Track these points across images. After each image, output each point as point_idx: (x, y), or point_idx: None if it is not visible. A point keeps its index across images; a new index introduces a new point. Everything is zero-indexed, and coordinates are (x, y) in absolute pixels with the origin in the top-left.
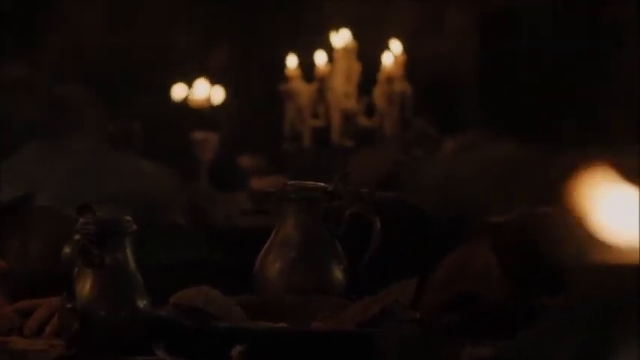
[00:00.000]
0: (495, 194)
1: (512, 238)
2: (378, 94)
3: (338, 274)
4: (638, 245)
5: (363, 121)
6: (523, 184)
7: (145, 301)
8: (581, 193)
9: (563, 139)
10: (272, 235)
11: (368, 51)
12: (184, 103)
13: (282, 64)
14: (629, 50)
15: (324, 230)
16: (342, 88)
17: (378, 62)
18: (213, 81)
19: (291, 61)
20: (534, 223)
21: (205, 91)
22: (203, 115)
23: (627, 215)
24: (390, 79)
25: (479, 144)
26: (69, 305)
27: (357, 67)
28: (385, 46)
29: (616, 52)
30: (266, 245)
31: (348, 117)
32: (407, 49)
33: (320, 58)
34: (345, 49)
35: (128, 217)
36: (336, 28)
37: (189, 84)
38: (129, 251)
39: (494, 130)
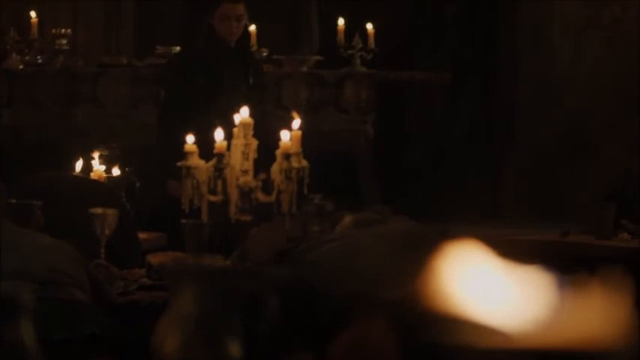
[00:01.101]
0: (391, 270)
1: (406, 314)
2: (276, 170)
3: (234, 350)
4: (516, 328)
5: (261, 196)
6: (418, 260)
7: None
8: (453, 271)
9: (456, 215)
10: (169, 310)
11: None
12: (84, 179)
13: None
14: (519, 127)
15: (221, 306)
16: (240, 164)
17: (276, 138)
18: (114, 157)
19: (189, 138)
20: (425, 299)
21: (105, 167)
22: (102, 190)
23: (504, 296)
24: (287, 155)
25: (376, 220)
26: None
27: (254, 144)
28: (282, 122)
29: (506, 130)
30: (163, 320)
31: (245, 193)
32: (305, 124)
33: (218, 134)
34: (243, 126)
35: (27, 293)
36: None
37: (89, 160)
38: (27, 327)
39: (392, 207)
